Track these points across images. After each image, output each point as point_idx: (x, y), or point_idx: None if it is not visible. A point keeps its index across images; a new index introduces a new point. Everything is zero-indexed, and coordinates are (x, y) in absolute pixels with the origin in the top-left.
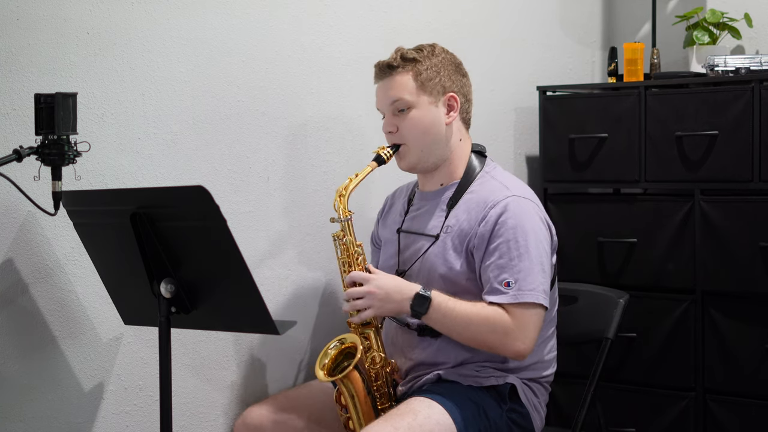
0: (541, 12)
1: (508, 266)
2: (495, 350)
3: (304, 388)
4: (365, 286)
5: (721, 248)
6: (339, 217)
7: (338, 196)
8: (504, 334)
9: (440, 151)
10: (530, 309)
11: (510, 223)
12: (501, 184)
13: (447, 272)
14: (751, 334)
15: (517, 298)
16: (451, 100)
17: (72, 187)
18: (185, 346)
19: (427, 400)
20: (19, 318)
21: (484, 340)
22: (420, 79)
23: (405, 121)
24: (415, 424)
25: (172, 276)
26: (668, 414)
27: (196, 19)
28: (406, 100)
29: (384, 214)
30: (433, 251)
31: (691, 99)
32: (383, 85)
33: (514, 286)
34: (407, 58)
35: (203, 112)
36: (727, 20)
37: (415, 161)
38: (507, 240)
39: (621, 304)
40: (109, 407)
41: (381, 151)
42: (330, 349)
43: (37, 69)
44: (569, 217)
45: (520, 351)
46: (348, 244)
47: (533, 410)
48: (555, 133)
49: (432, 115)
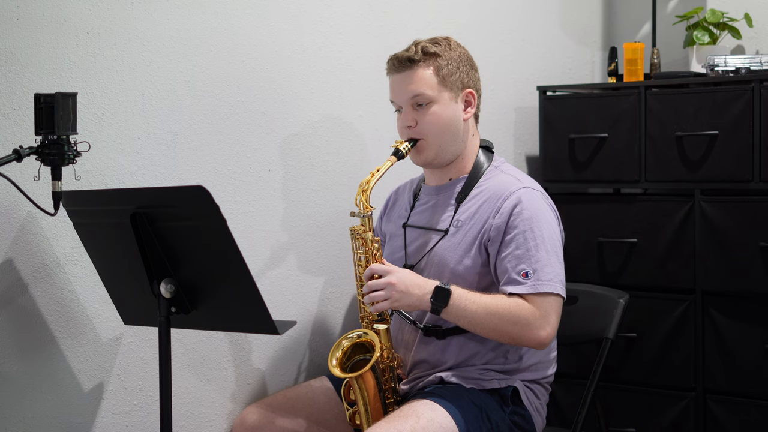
0: (541, 12)
1: (525, 257)
2: (517, 341)
3: (304, 388)
4: (385, 277)
5: (721, 248)
6: (360, 211)
7: (361, 191)
8: (526, 324)
9: (456, 146)
10: (549, 297)
11: (525, 214)
12: (512, 177)
13: (458, 267)
14: (751, 334)
15: (537, 288)
16: (469, 95)
17: (72, 187)
18: (185, 346)
19: (430, 402)
20: (19, 318)
21: (506, 331)
22: (441, 74)
23: (425, 116)
24: (418, 427)
25: (172, 276)
26: (668, 414)
27: (196, 19)
28: (428, 95)
29: (388, 210)
30: (442, 246)
31: (691, 99)
32: (402, 79)
33: (533, 276)
34: (428, 52)
35: (203, 112)
36: (727, 20)
37: (433, 156)
38: (523, 230)
39: (621, 304)
40: (109, 407)
41: (399, 145)
42: (345, 340)
43: (37, 69)
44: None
45: (542, 339)
46: (367, 239)
47: (535, 412)
48: (555, 133)
49: (452, 110)
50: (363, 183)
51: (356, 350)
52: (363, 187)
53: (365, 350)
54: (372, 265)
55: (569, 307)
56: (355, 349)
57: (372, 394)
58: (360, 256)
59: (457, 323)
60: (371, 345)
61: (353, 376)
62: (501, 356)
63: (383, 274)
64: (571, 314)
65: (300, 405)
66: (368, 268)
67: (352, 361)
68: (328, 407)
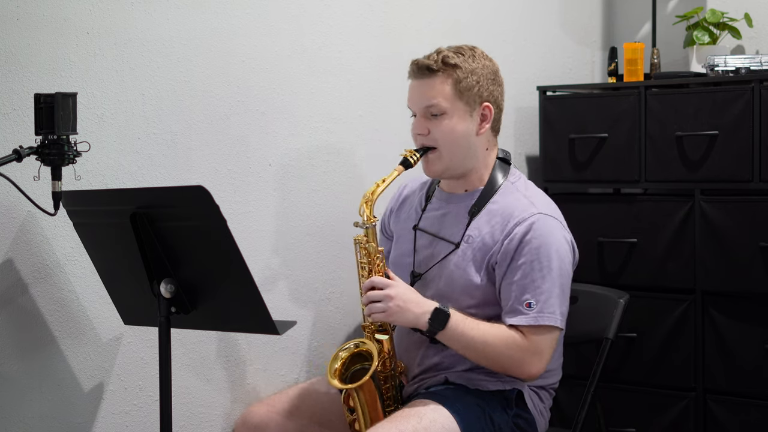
0: (541, 12)
1: (530, 287)
2: (506, 372)
3: (307, 388)
4: (384, 290)
5: (721, 248)
6: (363, 222)
7: (365, 202)
8: (518, 360)
9: (468, 161)
10: (548, 333)
11: (535, 243)
12: (527, 200)
13: (467, 285)
14: (751, 334)
15: (538, 321)
16: (486, 110)
17: (72, 187)
18: (185, 346)
19: (433, 403)
20: (19, 318)
21: (497, 363)
22: (459, 87)
23: (438, 126)
24: (420, 427)
25: (172, 276)
26: (668, 414)
27: (196, 19)
28: (442, 106)
29: (398, 206)
30: (452, 261)
31: (691, 99)
32: (419, 86)
33: (536, 308)
34: (448, 63)
35: (203, 112)
36: (727, 20)
37: (443, 169)
38: (531, 260)
39: (621, 304)
40: (109, 407)
41: (408, 155)
42: (342, 351)
43: (37, 69)
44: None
45: (532, 374)
46: (370, 249)
47: (538, 415)
48: (555, 133)
49: (465, 124)
50: (367, 194)
51: (355, 359)
52: (367, 198)
53: (364, 359)
54: (372, 278)
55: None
56: (353, 359)
57: (372, 403)
58: (363, 266)
59: (450, 347)
60: (369, 354)
61: (352, 387)
62: None
63: (383, 287)
64: (572, 314)
65: (303, 405)
66: (369, 280)
67: (351, 370)
68: (330, 408)
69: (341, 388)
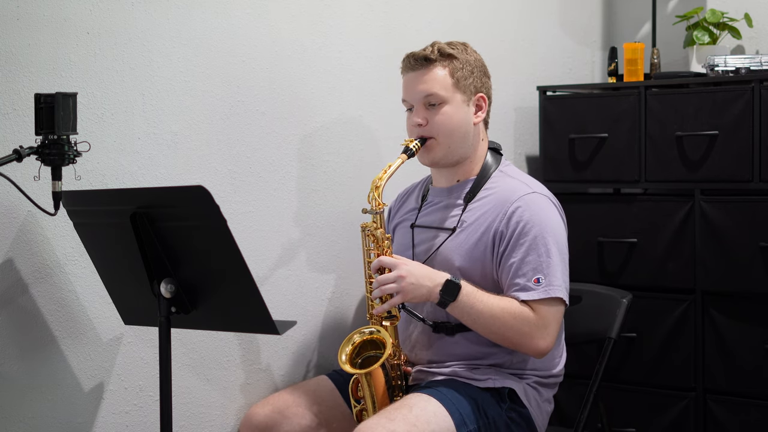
0: (541, 12)
1: (537, 263)
2: (515, 347)
3: (309, 386)
4: (396, 270)
5: (721, 248)
6: (373, 208)
7: (374, 188)
8: (528, 333)
9: (464, 149)
10: (554, 306)
11: (534, 220)
12: (520, 182)
13: (463, 266)
14: (751, 334)
15: (548, 293)
16: (480, 100)
17: (72, 187)
18: (185, 346)
19: (425, 395)
20: (19, 318)
21: (506, 336)
22: (456, 77)
23: (436, 115)
24: (411, 416)
25: (172, 276)
26: (668, 414)
27: (196, 19)
28: (441, 95)
29: (396, 210)
30: (448, 245)
31: (691, 99)
32: (416, 77)
33: (544, 282)
34: (445, 53)
35: (203, 112)
36: (727, 20)
37: (440, 156)
38: (534, 237)
39: (624, 303)
40: (109, 407)
41: (410, 143)
42: (356, 335)
43: (37, 69)
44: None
45: (540, 349)
46: (378, 235)
47: (536, 409)
48: (555, 133)
49: (462, 113)
50: (375, 180)
51: (365, 347)
52: (376, 184)
53: (374, 347)
54: (381, 257)
55: (573, 307)
56: (364, 346)
57: (381, 391)
58: (370, 253)
59: (461, 319)
60: (381, 342)
61: (364, 372)
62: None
63: (393, 267)
64: (575, 314)
65: (308, 404)
66: (377, 260)
67: (361, 357)
68: (333, 406)
69: (353, 373)
